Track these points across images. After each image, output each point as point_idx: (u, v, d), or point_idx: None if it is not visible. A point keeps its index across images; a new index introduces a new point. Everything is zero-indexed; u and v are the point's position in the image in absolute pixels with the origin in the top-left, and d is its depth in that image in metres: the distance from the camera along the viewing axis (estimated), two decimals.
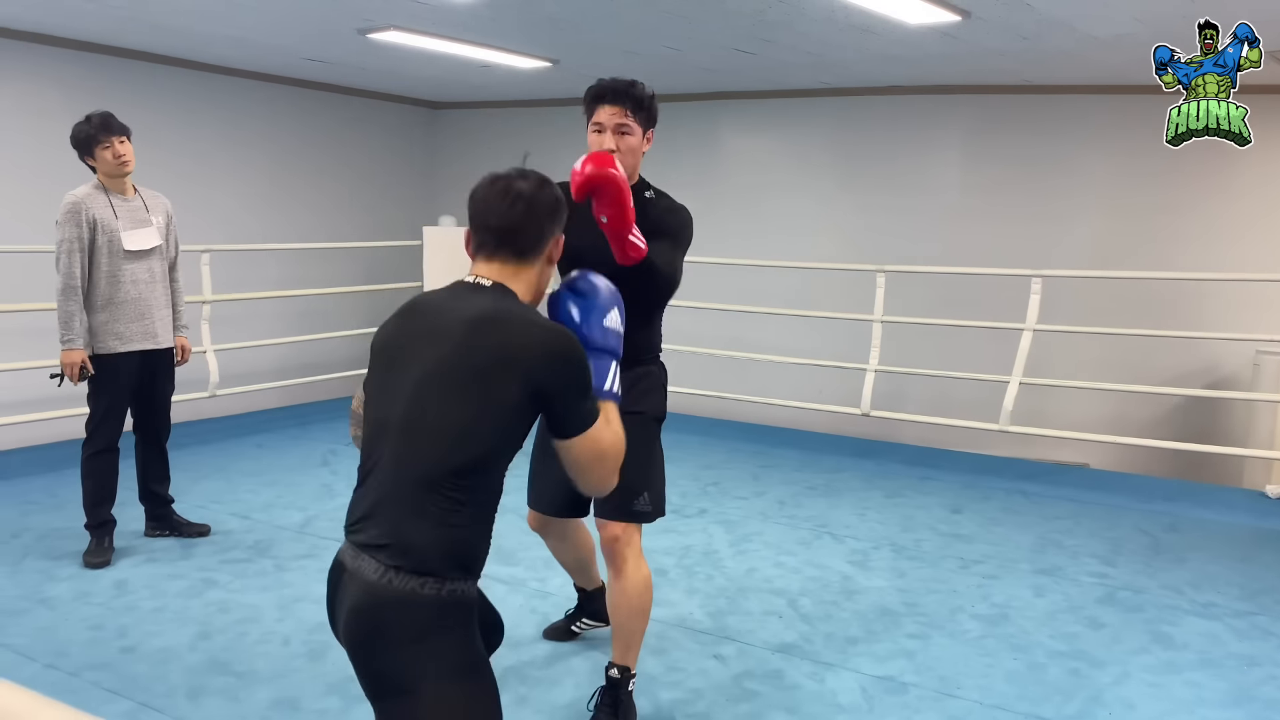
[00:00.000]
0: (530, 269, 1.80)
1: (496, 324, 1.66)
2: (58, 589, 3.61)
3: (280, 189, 7.29)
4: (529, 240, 1.78)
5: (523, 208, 1.75)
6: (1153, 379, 5.90)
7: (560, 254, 1.87)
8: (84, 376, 3.77)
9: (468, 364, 1.64)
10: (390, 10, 4.86)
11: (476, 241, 1.81)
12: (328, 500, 4.83)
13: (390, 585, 1.60)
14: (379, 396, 1.73)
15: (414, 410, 1.65)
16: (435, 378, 1.65)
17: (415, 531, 1.61)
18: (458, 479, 1.62)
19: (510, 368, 1.63)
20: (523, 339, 1.65)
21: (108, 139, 3.76)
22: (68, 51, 5.85)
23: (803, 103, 7.19)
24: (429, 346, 1.68)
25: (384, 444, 1.67)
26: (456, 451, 1.62)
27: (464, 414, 1.62)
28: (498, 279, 1.76)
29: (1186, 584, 3.94)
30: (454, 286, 1.78)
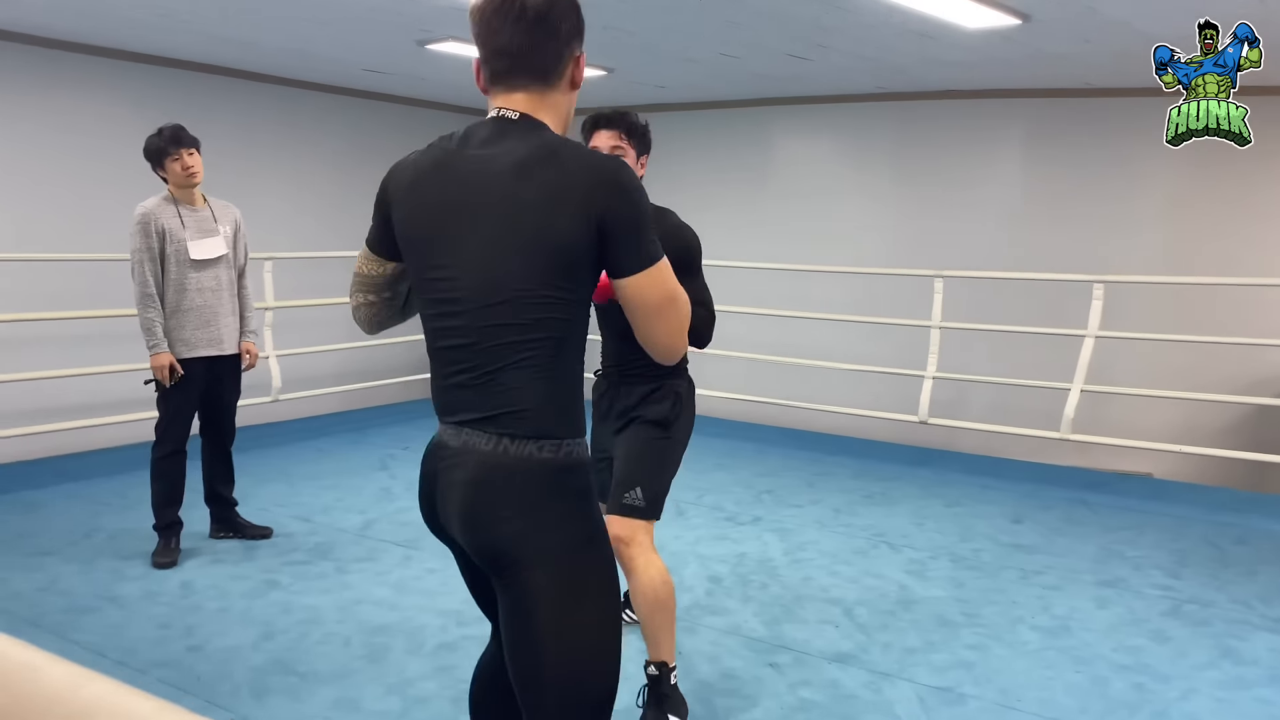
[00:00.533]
0: (554, 94, 1.61)
1: (544, 161, 1.51)
2: (127, 588, 3.71)
3: (339, 197, 7.42)
4: (547, 58, 1.57)
5: (533, 18, 1.54)
6: (1220, 387, 5.76)
7: (583, 77, 1.67)
8: (174, 378, 3.90)
9: (528, 213, 1.51)
10: (448, 21, 4.93)
11: (487, 71, 1.61)
12: (387, 503, 4.90)
13: (507, 453, 1.54)
14: (433, 269, 1.59)
15: (486, 276, 1.53)
16: (498, 236, 1.53)
17: (520, 394, 1.54)
18: (549, 332, 1.53)
19: (568, 201, 1.49)
20: (576, 170, 1.51)
21: (177, 151, 3.88)
22: (139, 66, 6.02)
23: (859, 107, 7.14)
24: (478, 204, 1.54)
25: (459, 318, 1.56)
26: (542, 304, 1.52)
27: (539, 263, 1.51)
28: (523, 110, 1.58)
29: (1256, 598, 3.84)
30: (478, 127, 1.60)
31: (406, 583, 3.81)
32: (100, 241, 5.60)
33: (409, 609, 3.55)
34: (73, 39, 5.60)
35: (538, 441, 1.54)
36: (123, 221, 4.09)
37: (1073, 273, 5.82)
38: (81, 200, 5.84)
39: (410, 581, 3.82)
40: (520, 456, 1.54)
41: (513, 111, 1.57)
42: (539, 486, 1.55)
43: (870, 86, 6.68)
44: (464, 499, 1.57)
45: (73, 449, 5.64)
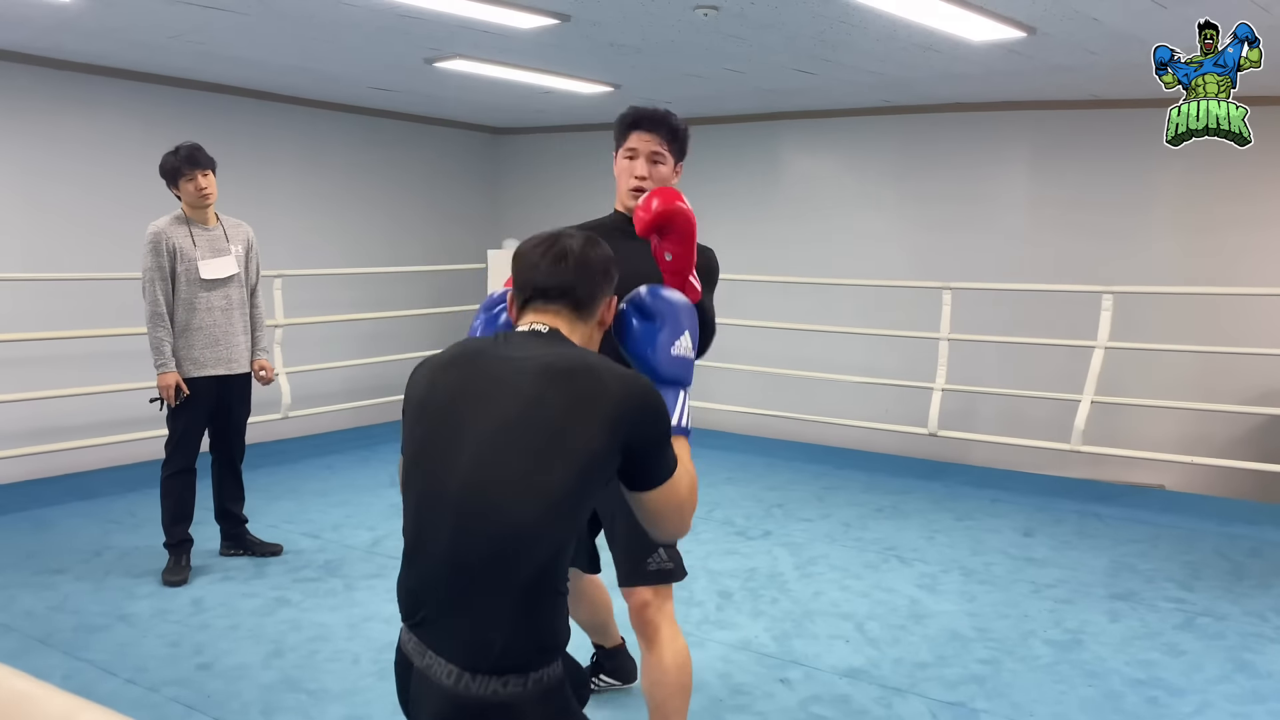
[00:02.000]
0: (586, 326, 1.65)
1: (572, 372, 1.48)
2: (137, 606, 3.71)
3: (348, 214, 7.45)
4: (584, 294, 1.62)
5: (574, 265, 1.61)
6: (1231, 397, 5.73)
7: (612, 319, 1.72)
8: (180, 398, 3.92)
9: (541, 419, 1.44)
10: (456, 39, 4.96)
11: (523, 299, 1.64)
12: (396, 520, 4.89)
13: (469, 692, 1.42)
14: (426, 464, 1.52)
15: (477, 479, 1.44)
16: (501, 439, 1.45)
17: (489, 624, 1.42)
18: (536, 554, 1.42)
19: (593, 419, 1.44)
20: (605, 388, 1.47)
21: (191, 172, 3.91)
22: (148, 86, 6.07)
23: (865, 121, 7.15)
24: (489, 402, 1.48)
25: (438, 521, 1.47)
26: (533, 523, 1.41)
27: (541, 478, 1.42)
28: (554, 326, 1.60)
29: (1271, 610, 3.81)
30: (507, 334, 1.62)
31: None
32: (111, 261, 5.63)
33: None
34: (83, 60, 5.65)
35: (502, 677, 1.42)
36: (133, 241, 4.12)
37: (1081, 284, 5.81)
38: (92, 220, 5.88)
39: None
40: (481, 696, 1.41)
41: (543, 326, 1.59)
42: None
43: (876, 100, 6.69)
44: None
45: (83, 467, 5.66)
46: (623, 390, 1.48)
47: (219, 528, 4.31)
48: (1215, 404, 5.51)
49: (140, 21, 4.64)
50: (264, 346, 4.23)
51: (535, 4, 4.29)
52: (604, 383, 1.47)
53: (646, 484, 1.56)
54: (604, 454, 1.45)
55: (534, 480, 1.42)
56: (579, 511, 1.48)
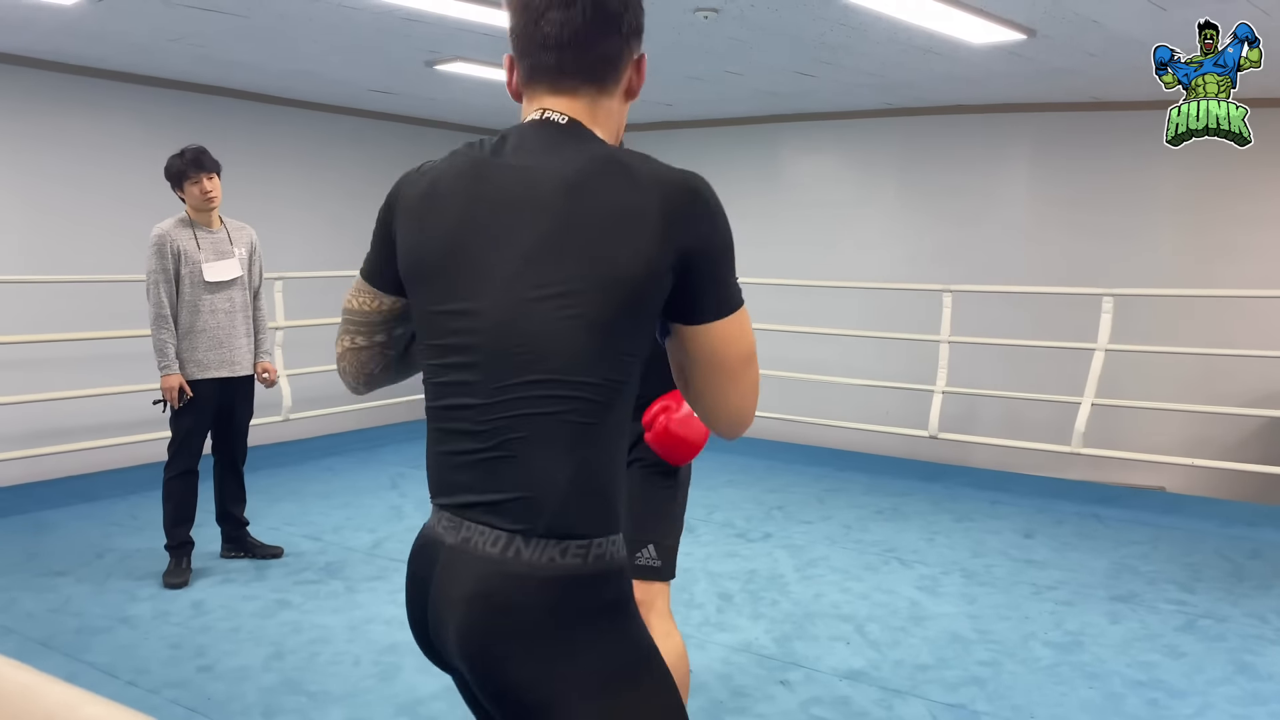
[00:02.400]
0: (608, 101, 1.30)
1: (606, 174, 1.20)
2: (139, 608, 3.71)
3: (349, 216, 7.45)
4: (605, 55, 1.27)
5: (593, 7, 1.25)
6: (1232, 400, 5.73)
7: (643, 82, 1.36)
8: (183, 400, 3.92)
9: (580, 240, 1.18)
10: (456, 42, 4.97)
11: (525, 67, 1.29)
12: (396, 522, 4.90)
13: (519, 557, 1.18)
14: (443, 302, 1.25)
15: (507, 322, 1.20)
16: (528, 273, 1.19)
17: (542, 476, 1.19)
18: (591, 395, 1.19)
19: (641, 233, 1.17)
20: (650, 186, 1.19)
21: (196, 175, 3.93)
22: (150, 89, 6.08)
23: (866, 123, 7.16)
24: (513, 224, 1.21)
25: (471, 371, 1.22)
26: (583, 357, 1.18)
27: (581, 314, 1.17)
28: (572, 115, 1.27)
29: (1271, 612, 3.81)
30: (519, 131, 1.28)
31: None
32: (112, 263, 5.64)
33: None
34: (84, 63, 5.66)
35: (560, 542, 1.19)
36: (135, 243, 4.13)
37: (1082, 286, 5.81)
38: (93, 222, 5.89)
39: None
40: (536, 564, 1.18)
41: (560, 115, 1.26)
42: (563, 607, 1.19)
43: (877, 102, 6.70)
44: (464, 623, 1.21)
45: (84, 469, 5.66)
46: (670, 190, 1.20)
47: (220, 530, 4.32)
48: (1216, 406, 5.51)
49: (141, 25, 4.65)
50: (267, 349, 4.24)
51: None
52: (644, 185, 1.20)
53: (706, 312, 1.23)
54: (651, 274, 1.18)
55: (573, 318, 1.18)
56: (631, 352, 1.22)
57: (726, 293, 1.24)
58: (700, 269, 1.21)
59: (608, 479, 1.23)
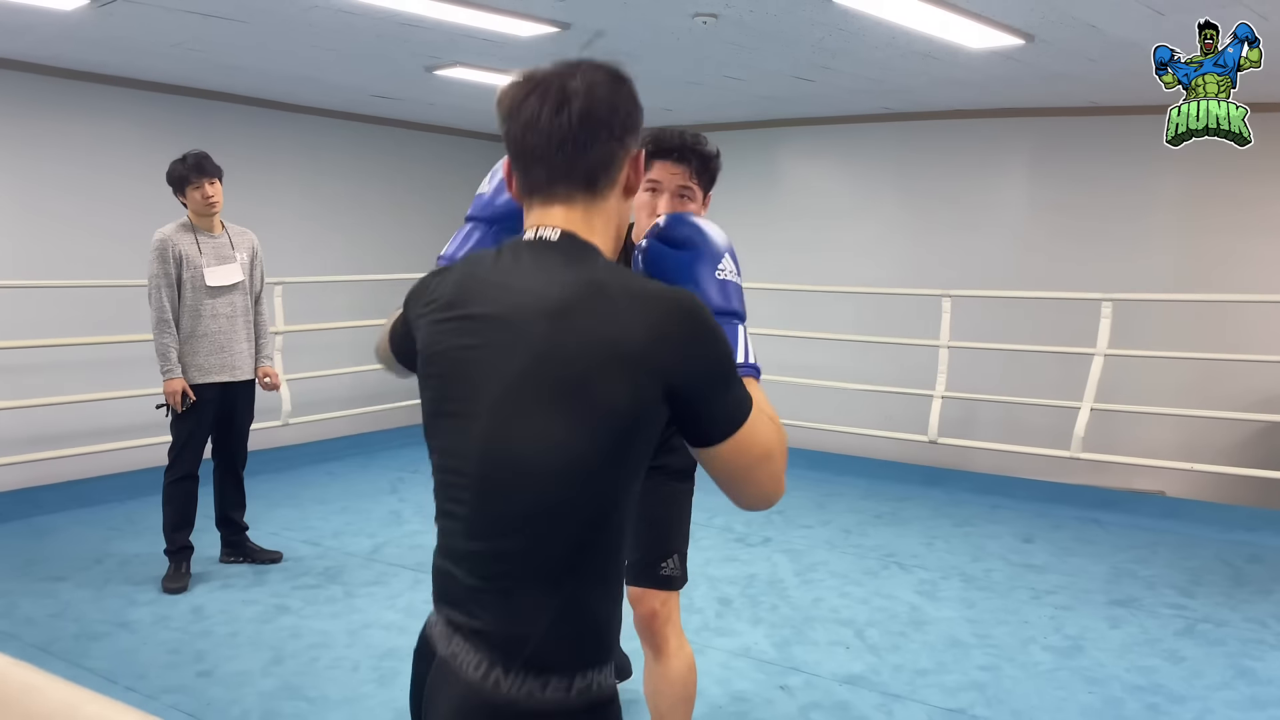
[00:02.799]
0: (605, 205, 1.25)
1: (589, 305, 1.14)
2: (138, 613, 3.71)
3: (349, 221, 7.46)
4: (597, 162, 1.22)
5: (578, 114, 1.19)
6: (1231, 403, 5.73)
7: (641, 181, 1.32)
8: (186, 404, 3.93)
9: (560, 373, 1.13)
10: (456, 48, 4.97)
11: (520, 179, 1.26)
12: (395, 527, 4.90)
13: (498, 689, 1.14)
14: (443, 423, 1.25)
15: (496, 446, 1.17)
16: (516, 399, 1.16)
17: (526, 608, 1.15)
18: (570, 533, 1.16)
19: (624, 366, 1.12)
20: (633, 320, 1.13)
21: (199, 180, 3.94)
22: (151, 94, 6.08)
23: (864, 128, 7.17)
24: (497, 353, 1.18)
25: (461, 491, 1.20)
26: (565, 496, 1.14)
27: (566, 444, 1.13)
28: (566, 227, 1.22)
29: (1271, 616, 3.81)
30: (510, 250, 1.24)
31: (416, 607, 3.81)
32: (113, 268, 5.65)
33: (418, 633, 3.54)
34: (84, 68, 5.67)
35: (540, 676, 1.14)
36: (136, 248, 4.13)
37: (1081, 291, 5.81)
38: (93, 227, 5.89)
39: (420, 605, 3.81)
40: (515, 697, 1.14)
41: (552, 231, 1.21)
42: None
43: (876, 107, 6.70)
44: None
45: (84, 474, 5.66)
46: (658, 318, 1.13)
47: (219, 535, 4.32)
48: (1214, 410, 5.51)
49: (141, 30, 4.65)
50: (268, 354, 4.25)
51: (535, 12, 4.30)
52: (623, 312, 1.13)
53: (712, 435, 1.19)
54: (639, 408, 1.13)
55: (558, 447, 1.13)
56: (621, 483, 1.17)
57: (727, 412, 1.18)
58: (695, 396, 1.15)
59: (599, 609, 1.19)
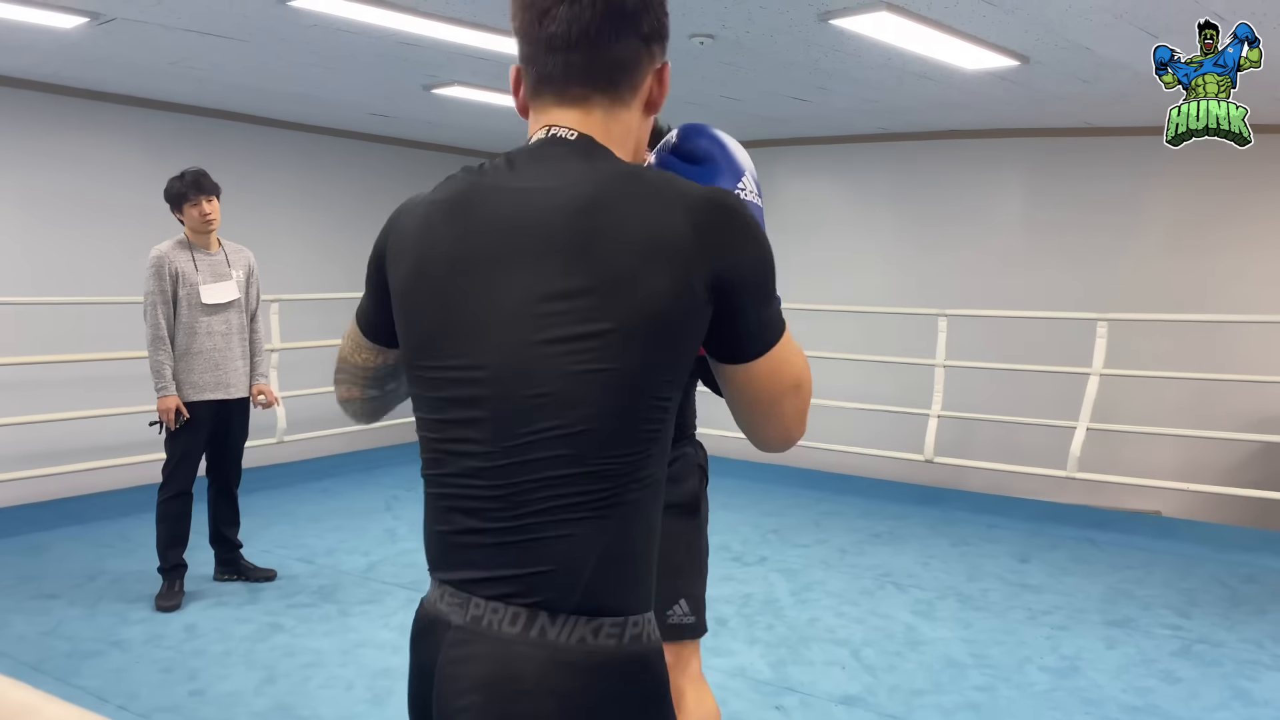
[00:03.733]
0: (624, 114, 1.13)
1: (625, 195, 1.04)
2: (130, 631, 3.69)
3: (346, 239, 7.47)
4: (620, 59, 1.10)
5: (600, 5, 1.08)
6: (1227, 424, 5.74)
7: (665, 95, 1.18)
8: (179, 421, 3.93)
9: (597, 270, 1.02)
10: (454, 67, 5.00)
11: (533, 75, 1.14)
12: (390, 545, 4.89)
13: (545, 638, 1.02)
14: (438, 354, 1.09)
15: (516, 369, 1.03)
16: (540, 313, 1.03)
17: (567, 547, 1.03)
18: (622, 450, 1.03)
19: (670, 259, 1.01)
20: (676, 211, 1.03)
21: (196, 197, 3.95)
22: (149, 111, 6.10)
23: (861, 148, 7.20)
24: (512, 263, 1.05)
25: (477, 428, 1.06)
26: (609, 412, 1.02)
27: (610, 350, 1.01)
28: (583, 130, 1.11)
29: (1267, 637, 3.80)
30: (522, 152, 1.13)
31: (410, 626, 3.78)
32: (108, 285, 5.64)
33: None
34: (83, 86, 5.69)
35: (593, 620, 1.03)
36: (133, 265, 4.13)
37: (1077, 309, 5.83)
38: (91, 245, 5.89)
39: None
40: (565, 645, 1.02)
41: (568, 130, 1.11)
42: (597, 697, 1.03)
43: (872, 127, 6.74)
44: (481, 715, 1.04)
45: (77, 491, 5.64)
46: (697, 207, 1.04)
47: (213, 552, 4.30)
48: (1211, 430, 5.52)
49: (140, 49, 4.68)
50: (263, 372, 4.25)
51: None
52: (669, 201, 1.03)
53: (748, 350, 1.09)
54: (686, 305, 1.03)
55: (594, 368, 1.01)
56: (667, 397, 1.06)
57: (769, 321, 1.10)
58: (739, 300, 1.06)
59: (644, 545, 1.08)
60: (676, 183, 1.06)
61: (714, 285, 1.03)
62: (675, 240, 1.01)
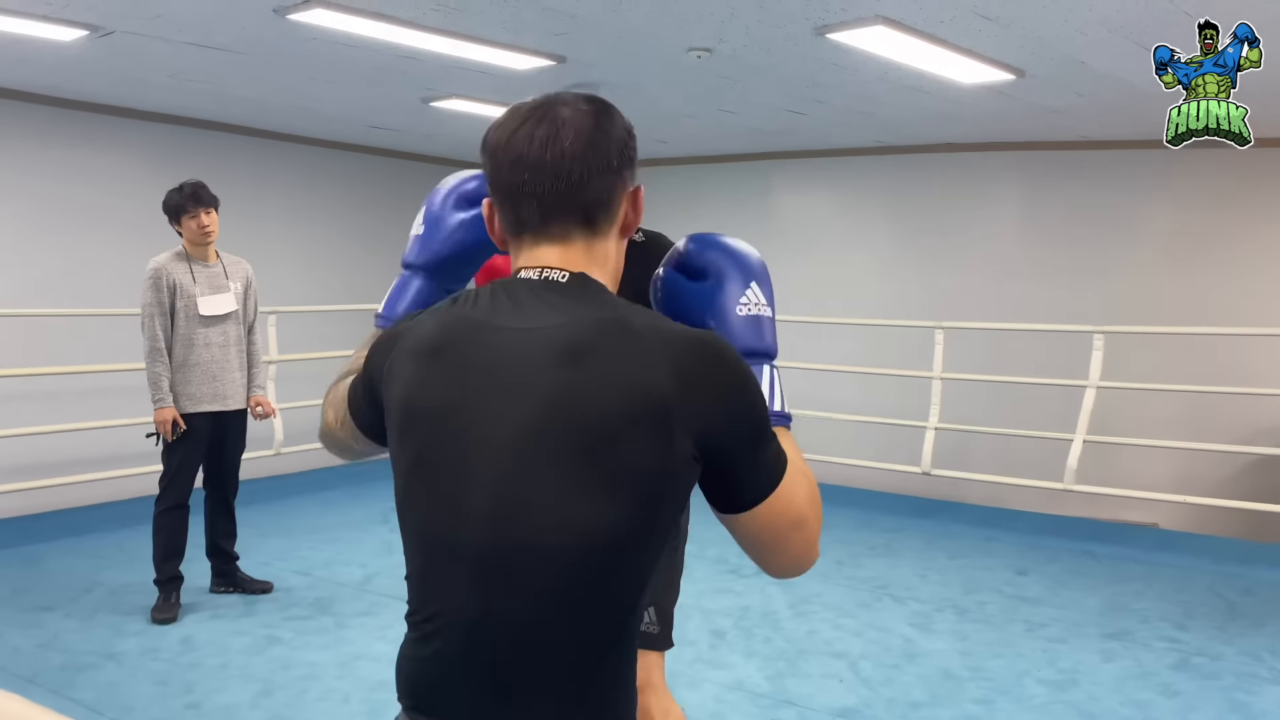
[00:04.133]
0: (604, 245, 1.14)
1: (611, 347, 1.03)
2: (126, 644, 3.68)
3: (345, 251, 7.48)
4: (595, 197, 1.11)
5: (576, 145, 1.09)
6: (1223, 436, 5.74)
7: (640, 220, 1.20)
8: (176, 433, 3.93)
9: (578, 426, 1.01)
10: (453, 80, 5.01)
11: (510, 218, 1.14)
12: (387, 557, 4.88)
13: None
14: (426, 495, 1.10)
15: (499, 518, 1.02)
16: (524, 460, 1.02)
17: (536, 710, 1.03)
18: (594, 614, 1.03)
19: (653, 417, 1.00)
20: (660, 365, 1.01)
21: (195, 209, 3.96)
22: (149, 124, 6.12)
23: (857, 161, 7.22)
24: (499, 404, 1.04)
25: (453, 576, 1.05)
26: (589, 576, 1.02)
27: (586, 511, 1.00)
28: (570, 267, 1.11)
29: (1265, 650, 3.80)
30: (505, 290, 1.11)
31: None
32: (107, 297, 5.65)
33: None
34: (83, 98, 5.70)
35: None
36: (132, 277, 4.14)
37: (1073, 322, 5.84)
38: (92, 256, 5.90)
39: None
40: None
41: (559, 273, 1.10)
42: None
43: (868, 140, 6.76)
44: None
45: (74, 503, 5.63)
46: (682, 360, 1.02)
47: (210, 564, 4.29)
48: (1207, 443, 5.52)
49: (139, 61, 4.69)
50: (260, 383, 4.25)
51: (531, 46, 4.34)
52: (649, 354, 1.02)
53: (744, 500, 1.08)
54: (670, 467, 1.02)
55: (576, 515, 1.00)
56: (649, 556, 1.05)
57: (761, 472, 1.08)
58: (728, 453, 1.05)
59: (615, 695, 1.07)
60: (663, 330, 1.06)
61: (700, 445, 1.02)
62: (660, 397, 1.00)
